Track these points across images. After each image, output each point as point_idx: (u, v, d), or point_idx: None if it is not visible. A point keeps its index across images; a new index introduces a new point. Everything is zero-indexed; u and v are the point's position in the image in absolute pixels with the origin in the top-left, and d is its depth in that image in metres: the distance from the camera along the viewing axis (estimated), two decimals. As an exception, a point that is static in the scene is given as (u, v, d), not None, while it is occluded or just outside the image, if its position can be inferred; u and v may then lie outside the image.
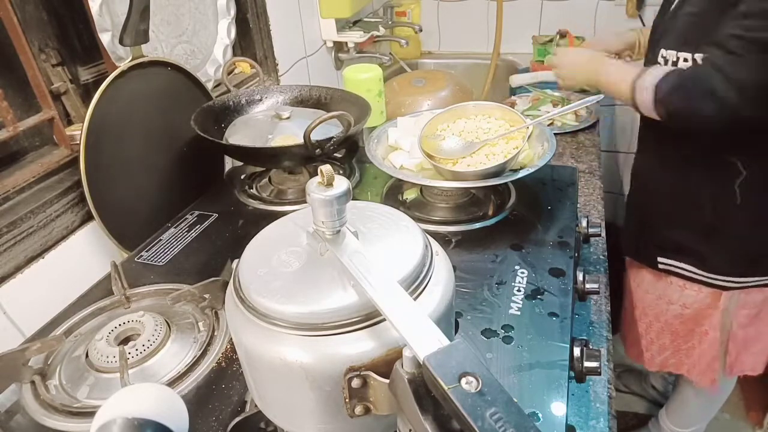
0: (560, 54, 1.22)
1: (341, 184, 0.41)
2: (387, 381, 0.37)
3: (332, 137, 0.85)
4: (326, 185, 0.40)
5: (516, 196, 0.90)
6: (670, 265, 1.18)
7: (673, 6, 1.03)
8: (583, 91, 1.51)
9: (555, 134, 0.93)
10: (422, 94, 1.42)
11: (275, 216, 0.50)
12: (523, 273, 0.73)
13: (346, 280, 0.40)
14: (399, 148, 0.97)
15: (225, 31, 1.18)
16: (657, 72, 0.96)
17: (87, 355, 0.63)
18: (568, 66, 1.19)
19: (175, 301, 0.67)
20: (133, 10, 0.80)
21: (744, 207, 1.03)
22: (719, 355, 1.24)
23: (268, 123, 0.98)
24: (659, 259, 1.19)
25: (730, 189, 1.03)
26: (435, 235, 0.54)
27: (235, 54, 1.22)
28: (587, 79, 1.15)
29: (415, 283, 0.41)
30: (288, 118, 0.97)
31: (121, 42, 0.83)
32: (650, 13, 1.74)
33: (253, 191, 1.00)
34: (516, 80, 1.62)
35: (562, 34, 1.57)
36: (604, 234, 0.95)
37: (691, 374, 1.29)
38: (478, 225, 0.84)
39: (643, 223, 1.24)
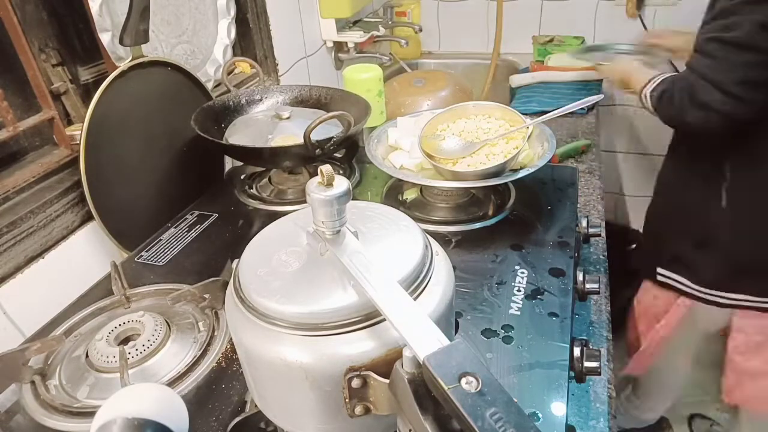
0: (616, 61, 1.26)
1: (341, 184, 0.41)
2: (387, 381, 0.37)
3: (332, 137, 0.85)
4: (326, 185, 0.40)
5: (516, 196, 0.90)
6: (668, 277, 1.17)
7: None
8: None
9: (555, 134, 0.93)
10: (422, 94, 1.42)
11: (275, 216, 0.50)
12: (523, 273, 0.73)
13: (346, 280, 0.40)
14: (399, 148, 0.97)
15: (225, 31, 1.18)
16: (655, 80, 1.00)
17: (87, 355, 0.63)
18: (616, 66, 1.22)
19: (175, 301, 0.67)
20: (133, 10, 0.80)
21: (730, 213, 1.03)
22: (657, 353, 1.25)
23: (268, 123, 0.98)
24: (658, 269, 1.18)
25: (717, 192, 1.03)
26: (435, 235, 0.54)
27: (235, 54, 1.22)
28: (621, 79, 1.17)
29: (415, 283, 0.41)
30: (288, 118, 0.97)
31: (121, 42, 0.83)
32: (650, 13, 1.74)
33: (253, 191, 1.00)
34: (516, 80, 1.63)
35: None
36: (604, 234, 0.95)
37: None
38: (478, 225, 0.84)
39: (654, 236, 1.24)
